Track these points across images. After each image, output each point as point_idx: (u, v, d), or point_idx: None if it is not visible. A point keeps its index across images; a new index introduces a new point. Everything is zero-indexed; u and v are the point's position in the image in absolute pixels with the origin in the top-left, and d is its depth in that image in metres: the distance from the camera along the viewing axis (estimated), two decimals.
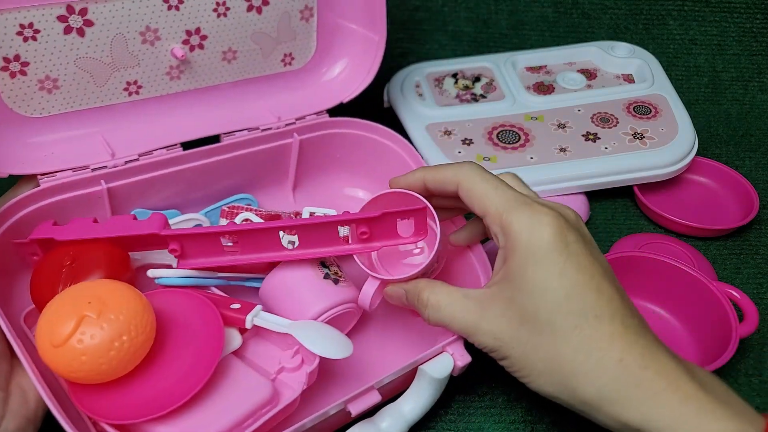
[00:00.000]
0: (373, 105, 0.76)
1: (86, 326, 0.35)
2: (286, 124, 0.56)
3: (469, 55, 0.77)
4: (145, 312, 0.37)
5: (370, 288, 0.44)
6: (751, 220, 0.61)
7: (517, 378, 0.38)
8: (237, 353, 0.42)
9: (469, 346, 0.43)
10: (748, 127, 0.75)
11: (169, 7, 0.50)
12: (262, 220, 0.52)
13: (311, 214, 0.54)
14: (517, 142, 0.63)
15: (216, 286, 0.47)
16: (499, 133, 0.64)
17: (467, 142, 0.63)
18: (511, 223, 0.37)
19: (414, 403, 0.42)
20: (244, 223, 0.51)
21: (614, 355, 0.34)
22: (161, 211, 0.52)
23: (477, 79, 0.71)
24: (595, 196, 0.64)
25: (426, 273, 0.43)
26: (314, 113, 0.57)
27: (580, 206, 0.61)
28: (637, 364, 0.33)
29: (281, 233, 0.46)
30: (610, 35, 0.82)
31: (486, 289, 0.38)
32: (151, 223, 0.44)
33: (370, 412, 0.41)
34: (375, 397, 0.40)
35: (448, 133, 0.64)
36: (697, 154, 0.64)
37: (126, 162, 0.50)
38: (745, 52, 0.81)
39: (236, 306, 0.43)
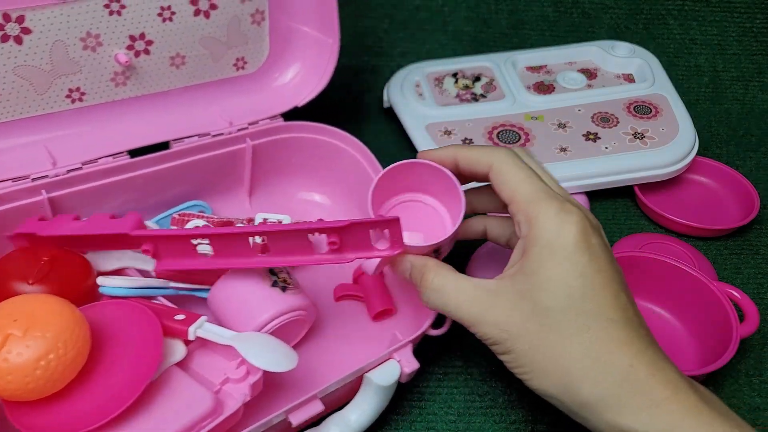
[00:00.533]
0: (342, 106, 0.76)
1: (12, 344, 0.34)
2: (239, 129, 0.55)
3: (469, 55, 0.77)
4: (76, 327, 0.36)
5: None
6: (752, 220, 0.60)
7: (516, 374, 0.37)
8: (182, 364, 0.41)
9: (418, 353, 0.43)
10: (748, 127, 0.75)
11: (111, 12, 0.49)
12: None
13: (264, 220, 0.53)
14: (517, 141, 0.63)
15: (165, 296, 0.47)
16: (499, 132, 0.64)
17: (467, 141, 0.63)
18: (538, 214, 0.36)
19: (360, 411, 0.41)
20: (219, 225, 0.50)
21: (624, 360, 0.33)
22: None
23: (477, 78, 0.71)
24: (595, 196, 0.64)
25: (439, 249, 0.42)
26: (268, 118, 0.57)
27: None
28: (645, 371, 0.33)
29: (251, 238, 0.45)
30: (611, 35, 0.82)
31: (498, 280, 0.37)
32: (125, 222, 0.44)
33: (317, 422, 0.41)
34: (317, 407, 0.39)
35: (448, 132, 0.64)
36: (698, 153, 0.64)
37: (68, 171, 0.49)
38: (746, 52, 0.81)
39: (180, 317, 0.42)
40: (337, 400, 0.42)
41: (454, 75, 0.72)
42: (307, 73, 0.59)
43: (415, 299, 0.48)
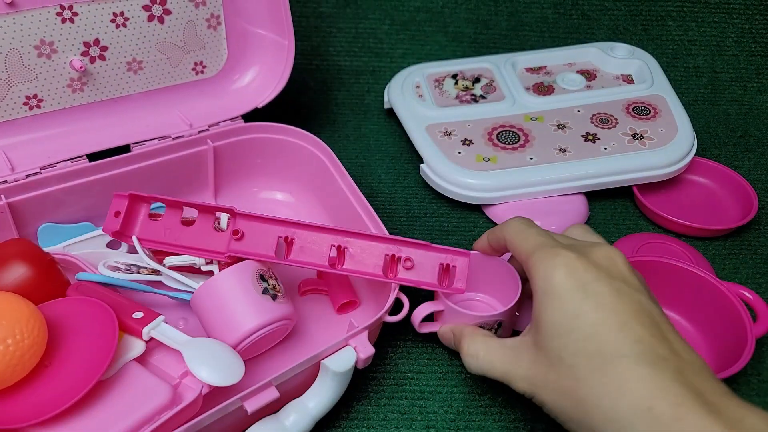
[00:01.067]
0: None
1: None
2: (199, 131, 0.56)
3: (469, 56, 0.77)
4: (31, 317, 0.37)
5: (430, 308, 0.47)
6: (750, 220, 0.61)
7: (560, 422, 0.36)
8: (141, 359, 0.42)
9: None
10: (747, 128, 0.75)
11: (63, 20, 0.49)
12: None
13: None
14: (516, 142, 0.63)
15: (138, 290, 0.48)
16: (499, 133, 0.65)
17: (467, 142, 0.64)
18: (531, 266, 0.37)
19: (318, 398, 0.42)
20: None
21: (643, 402, 0.31)
22: (72, 225, 0.52)
23: (477, 79, 0.71)
24: (594, 196, 0.64)
25: (489, 325, 0.46)
26: (228, 119, 0.57)
27: (579, 206, 0.61)
28: (669, 415, 0.30)
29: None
30: (610, 36, 0.82)
31: (521, 337, 0.39)
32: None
33: (276, 409, 0.41)
34: (272, 394, 0.39)
35: (448, 133, 0.65)
36: (697, 154, 0.65)
37: (27, 176, 0.49)
38: (744, 53, 0.81)
39: (139, 315, 0.43)
40: (297, 389, 0.43)
41: (454, 76, 0.72)
42: (266, 74, 0.60)
43: (378, 292, 0.50)
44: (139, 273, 0.50)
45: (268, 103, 0.60)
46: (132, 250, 0.53)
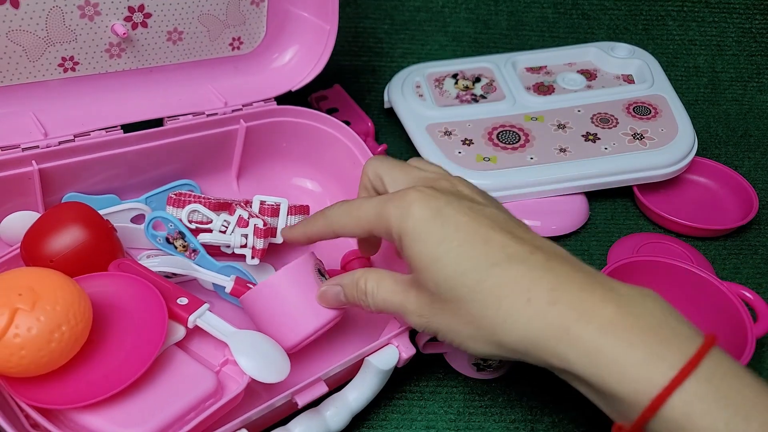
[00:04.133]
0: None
1: (21, 319, 0.33)
2: (233, 110, 0.55)
3: (469, 56, 0.77)
4: (81, 299, 0.36)
5: None
6: (751, 220, 0.61)
7: (456, 347, 0.38)
8: (180, 345, 0.41)
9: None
10: (747, 128, 0.75)
11: None
12: (209, 211, 0.50)
13: (262, 203, 0.52)
14: (517, 142, 0.63)
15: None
16: (499, 133, 0.64)
17: (467, 142, 0.64)
18: (388, 220, 0.37)
19: (359, 393, 0.42)
20: (214, 205, 0.50)
21: (520, 297, 0.32)
22: (98, 196, 0.51)
23: (477, 79, 0.71)
24: (594, 196, 0.64)
25: None
26: (262, 100, 0.56)
27: (579, 206, 0.61)
28: (544, 301, 0.32)
29: (230, 223, 0.48)
30: (610, 36, 0.82)
31: (406, 276, 0.39)
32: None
33: (315, 402, 0.42)
34: (322, 389, 0.40)
35: (448, 133, 0.64)
36: (697, 154, 0.65)
37: (60, 143, 0.48)
38: (744, 53, 0.81)
39: (183, 301, 0.42)
40: (334, 383, 0.43)
41: (455, 76, 0.72)
42: (303, 57, 0.59)
43: None
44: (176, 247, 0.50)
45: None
46: (158, 226, 0.52)
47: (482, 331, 0.34)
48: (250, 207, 0.52)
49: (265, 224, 0.49)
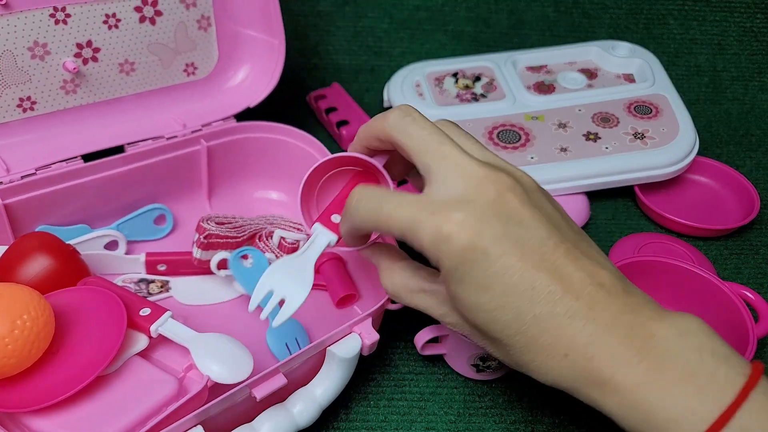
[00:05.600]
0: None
1: None
2: (192, 132, 0.56)
3: (469, 55, 0.77)
4: (41, 300, 0.38)
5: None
6: (752, 220, 0.60)
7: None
8: (145, 354, 0.42)
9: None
10: (748, 127, 0.75)
11: (57, 22, 0.49)
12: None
13: (282, 239, 0.53)
14: (517, 141, 0.63)
15: None
16: (499, 132, 0.64)
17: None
18: (420, 239, 0.33)
19: (325, 385, 0.42)
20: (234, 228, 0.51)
21: (558, 352, 0.32)
22: (69, 227, 0.53)
23: (477, 78, 0.71)
24: (595, 196, 0.64)
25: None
26: (221, 119, 0.57)
27: (580, 206, 0.61)
28: (581, 356, 0.31)
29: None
30: (611, 35, 0.82)
31: (436, 284, 0.37)
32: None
33: (283, 397, 0.42)
34: (280, 380, 0.40)
35: None
36: (698, 153, 0.64)
37: (22, 177, 0.49)
38: (746, 52, 0.81)
39: (146, 311, 0.43)
40: (303, 378, 0.43)
41: (455, 75, 0.72)
42: (257, 74, 0.60)
43: (375, 282, 0.49)
44: (149, 292, 0.51)
45: (261, 102, 0.59)
46: (128, 251, 0.54)
47: (514, 363, 0.35)
48: (270, 240, 0.53)
49: None
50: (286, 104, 0.73)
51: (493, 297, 0.32)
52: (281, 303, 0.38)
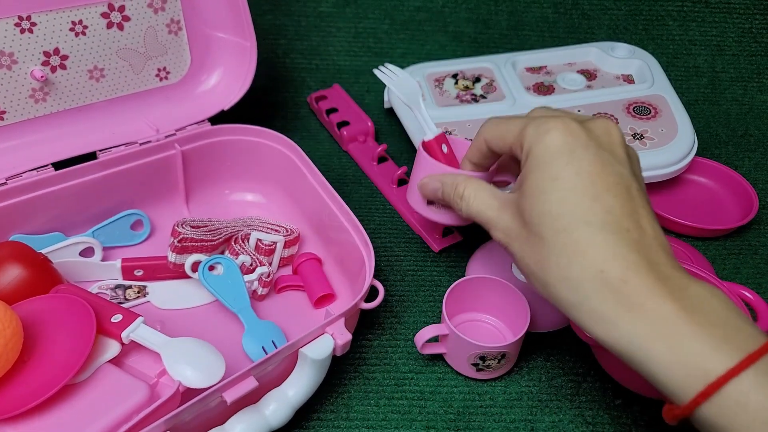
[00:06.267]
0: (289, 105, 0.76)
1: None
2: (166, 136, 0.56)
3: (469, 56, 0.77)
4: (6, 310, 0.38)
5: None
6: (751, 220, 0.61)
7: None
8: (117, 361, 0.42)
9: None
10: (747, 128, 0.75)
11: (22, 30, 0.49)
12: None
13: (259, 240, 0.54)
14: None
15: None
16: None
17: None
18: (523, 138, 0.38)
19: (297, 386, 0.42)
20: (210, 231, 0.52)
21: (596, 264, 0.33)
22: (43, 236, 0.52)
23: (477, 79, 0.71)
24: None
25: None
26: (195, 123, 0.57)
27: None
28: (617, 277, 0.33)
29: None
30: (610, 36, 0.82)
31: (509, 193, 0.40)
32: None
33: (256, 399, 0.42)
34: (251, 383, 0.40)
35: (448, 133, 0.64)
36: (697, 154, 0.65)
37: None
38: (744, 53, 0.81)
39: (118, 318, 0.43)
40: (276, 379, 0.43)
41: (455, 76, 0.72)
42: (230, 76, 0.60)
43: (353, 282, 0.50)
44: (126, 298, 0.51)
45: (235, 104, 0.59)
46: (105, 258, 0.54)
47: (545, 276, 0.35)
48: (247, 242, 0.53)
49: (269, 275, 0.51)
50: (287, 105, 0.74)
51: (557, 189, 0.35)
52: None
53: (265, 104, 0.60)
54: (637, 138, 0.63)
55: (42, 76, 0.50)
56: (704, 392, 0.30)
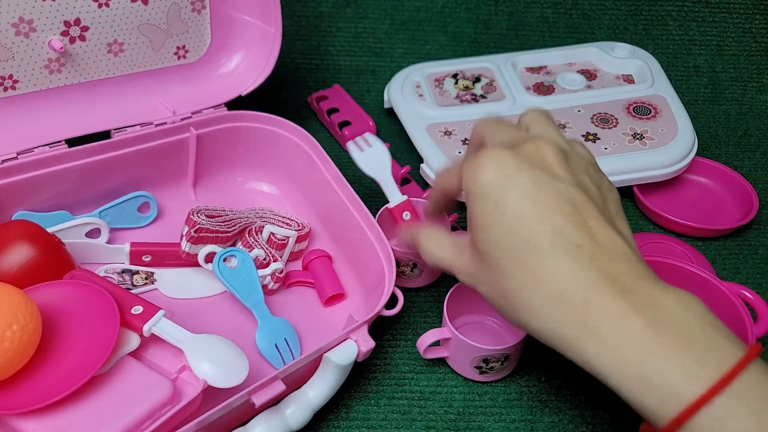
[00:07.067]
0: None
1: None
2: (182, 119, 0.54)
3: (469, 56, 0.77)
4: (27, 302, 0.36)
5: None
6: (751, 220, 0.61)
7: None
8: (136, 353, 0.41)
9: (372, 332, 0.45)
10: (747, 128, 0.75)
11: None
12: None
13: (272, 234, 0.53)
14: None
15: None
16: None
17: (467, 142, 0.63)
18: (463, 171, 0.38)
19: (318, 390, 0.42)
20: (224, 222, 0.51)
21: (555, 291, 0.32)
22: (48, 213, 0.51)
23: (477, 79, 0.71)
24: None
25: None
26: (212, 107, 0.56)
27: None
28: (578, 300, 0.31)
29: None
30: (610, 36, 0.82)
31: (465, 236, 0.39)
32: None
33: (276, 401, 0.42)
34: (279, 387, 0.40)
35: (448, 133, 0.64)
36: (697, 154, 0.65)
37: (3, 161, 0.47)
38: (744, 53, 0.81)
39: (138, 310, 0.42)
40: (296, 381, 0.43)
41: (455, 76, 0.72)
42: (250, 62, 0.59)
43: (366, 282, 0.50)
44: (133, 284, 0.51)
45: (252, 91, 0.58)
46: (111, 241, 0.53)
47: (513, 309, 0.35)
48: (260, 235, 0.52)
49: (282, 271, 0.51)
50: (288, 105, 0.74)
51: (501, 222, 0.34)
52: None
53: (265, 104, 0.60)
54: (637, 138, 0.64)
55: (61, 47, 0.49)
56: (677, 419, 0.29)
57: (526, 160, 0.35)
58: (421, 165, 0.63)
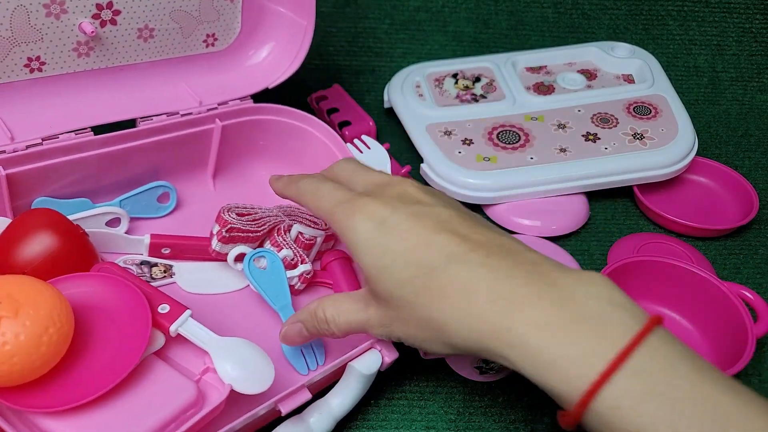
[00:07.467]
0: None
1: (6, 327, 0.33)
2: (208, 110, 0.54)
3: (469, 56, 0.77)
4: (62, 302, 0.36)
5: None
6: (751, 220, 0.61)
7: (420, 350, 0.40)
8: (159, 353, 0.40)
9: (397, 343, 0.43)
10: (747, 128, 0.75)
11: None
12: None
13: (300, 234, 0.52)
14: (517, 142, 0.63)
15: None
16: (499, 133, 0.64)
17: (467, 142, 0.63)
18: (335, 225, 0.39)
19: (342, 398, 0.42)
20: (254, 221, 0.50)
21: (460, 297, 0.33)
22: (69, 200, 0.50)
23: (477, 79, 0.71)
24: (595, 196, 0.64)
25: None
26: (238, 98, 0.55)
27: (579, 206, 0.61)
28: (483, 299, 0.32)
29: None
30: (610, 36, 0.82)
31: (362, 290, 0.40)
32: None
33: (298, 408, 0.41)
34: (305, 395, 0.40)
35: (448, 133, 0.64)
36: (697, 154, 0.65)
37: (27, 147, 0.46)
38: (745, 53, 0.81)
39: (165, 308, 0.41)
40: (316, 389, 0.43)
41: (455, 76, 0.72)
42: (279, 54, 0.58)
43: None
44: (152, 276, 0.50)
45: (279, 84, 0.57)
46: (130, 231, 0.52)
47: (433, 333, 0.35)
48: (288, 235, 0.51)
49: (310, 272, 0.50)
50: (288, 105, 0.73)
51: (395, 258, 0.35)
52: None
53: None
54: (638, 138, 0.64)
55: (92, 31, 0.48)
56: (581, 402, 0.29)
57: (396, 200, 0.37)
58: (421, 165, 0.63)
